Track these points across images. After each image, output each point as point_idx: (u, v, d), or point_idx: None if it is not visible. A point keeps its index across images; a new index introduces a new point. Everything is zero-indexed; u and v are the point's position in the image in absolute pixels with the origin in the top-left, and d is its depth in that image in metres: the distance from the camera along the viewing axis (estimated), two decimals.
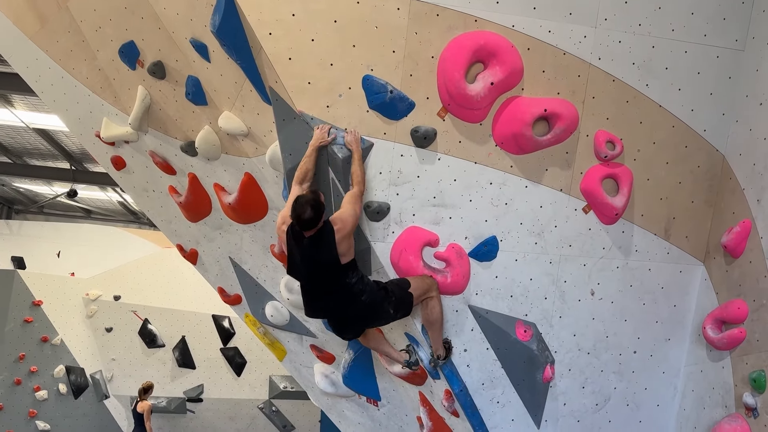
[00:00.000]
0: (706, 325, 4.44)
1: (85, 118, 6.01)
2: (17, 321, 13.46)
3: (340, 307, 4.05)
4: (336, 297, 4.00)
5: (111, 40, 5.18)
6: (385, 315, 4.09)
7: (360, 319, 4.14)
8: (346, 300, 3.99)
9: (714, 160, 4.52)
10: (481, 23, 4.11)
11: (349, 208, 3.98)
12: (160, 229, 6.97)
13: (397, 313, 4.10)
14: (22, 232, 16.85)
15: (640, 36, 4.28)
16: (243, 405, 14.41)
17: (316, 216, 3.81)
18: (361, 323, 4.22)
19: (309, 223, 3.82)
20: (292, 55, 4.04)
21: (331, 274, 3.94)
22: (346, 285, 3.95)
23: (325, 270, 3.94)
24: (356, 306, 4.00)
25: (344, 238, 3.90)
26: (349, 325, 4.22)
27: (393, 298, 4.04)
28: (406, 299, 4.07)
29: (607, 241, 4.50)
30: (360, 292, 3.96)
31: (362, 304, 3.99)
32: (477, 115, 4.20)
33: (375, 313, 4.07)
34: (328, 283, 3.98)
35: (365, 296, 3.97)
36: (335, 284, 3.96)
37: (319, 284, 4.03)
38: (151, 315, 14.40)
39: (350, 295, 3.96)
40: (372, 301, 3.99)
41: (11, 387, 13.16)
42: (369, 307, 4.01)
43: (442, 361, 4.31)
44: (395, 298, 4.05)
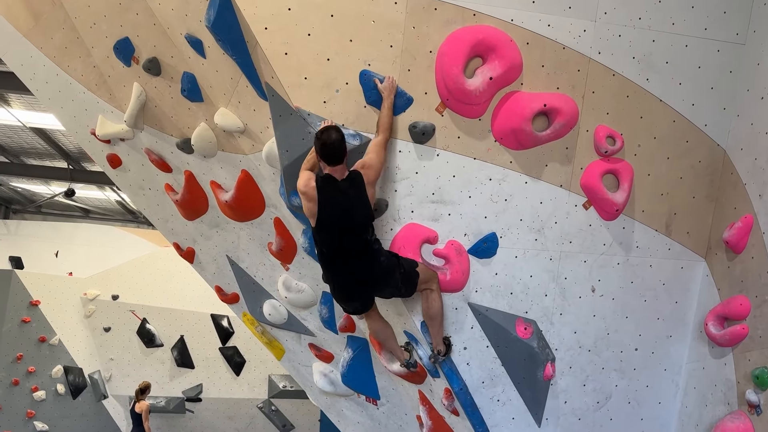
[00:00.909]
0: (708, 321, 4.40)
1: (81, 115, 5.96)
2: (15, 321, 13.43)
3: (360, 266, 3.99)
4: (357, 255, 3.98)
5: (106, 36, 5.13)
6: (394, 283, 4.05)
7: (374, 282, 4.08)
8: (367, 258, 3.97)
9: (715, 154, 4.48)
10: (480, 17, 4.06)
11: (373, 156, 3.99)
12: (156, 227, 6.92)
13: (403, 287, 4.08)
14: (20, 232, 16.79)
15: (640, 30, 4.24)
16: (242, 404, 14.38)
17: (342, 138, 3.86)
18: (372, 287, 4.14)
19: (337, 146, 3.85)
20: (288, 50, 3.99)
21: (359, 224, 3.94)
22: (367, 242, 3.95)
23: (355, 219, 3.93)
24: (374, 266, 3.98)
25: (369, 184, 3.94)
26: (360, 289, 4.14)
27: (403, 269, 4.03)
28: (413, 275, 4.06)
29: (608, 237, 4.46)
30: (378, 252, 3.98)
31: (380, 266, 3.98)
32: (476, 110, 4.16)
33: (387, 278, 4.03)
34: (353, 237, 3.95)
35: (383, 258, 3.99)
36: (359, 240, 3.95)
37: (344, 237, 3.97)
38: (149, 314, 14.36)
39: (371, 253, 3.97)
40: (388, 264, 4.00)
41: (9, 387, 13.13)
42: (384, 271, 4.00)
43: (442, 357, 4.26)
44: (404, 270, 4.04)
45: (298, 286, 5.64)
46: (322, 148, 3.87)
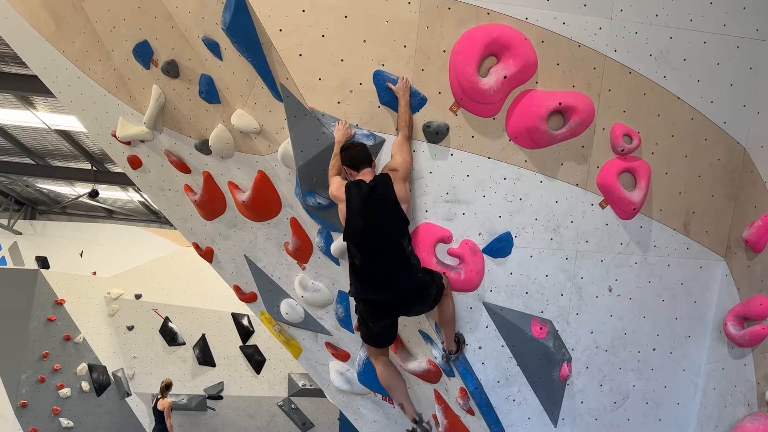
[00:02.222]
0: (727, 321, 4.34)
1: (102, 118, 6.06)
2: (41, 320, 13.67)
3: (395, 280, 3.82)
4: (391, 266, 3.84)
5: (125, 39, 5.21)
6: (428, 300, 3.95)
7: (409, 298, 3.91)
8: (403, 271, 3.83)
9: (734, 152, 4.42)
10: (494, 16, 4.05)
11: (397, 156, 4.00)
12: (176, 227, 7.01)
13: (435, 301, 3.98)
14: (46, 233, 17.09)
15: (657, 27, 4.19)
16: (262, 402, 14.50)
17: (364, 145, 3.94)
18: (405, 305, 3.98)
19: (363, 153, 3.93)
20: (302, 51, 4.02)
21: (390, 228, 3.85)
22: (403, 253, 3.85)
23: (385, 223, 3.85)
24: (412, 280, 3.84)
25: (398, 182, 3.91)
26: (391, 305, 3.95)
27: (435, 284, 3.94)
28: (441, 288, 3.99)
29: (625, 236, 4.42)
30: (415, 267, 3.87)
31: (417, 279, 3.86)
32: (490, 109, 4.14)
33: (423, 294, 3.91)
34: (385, 245, 3.84)
35: (421, 274, 3.89)
36: (392, 248, 3.83)
37: (375, 245, 3.85)
38: (171, 313, 14.53)
39: (408, 266, 3.84)
40: (424, 281, 3.89)
41: (35, 385, 13.37)
42: (421, 287, 3.88)
43: (454, 356, 4.25)
44: (437, 286, 3.94)
45: (315, 285, 5.67)
46: (350, 157, 3.94)
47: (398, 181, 3.93)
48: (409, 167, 4.02)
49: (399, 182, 3.93)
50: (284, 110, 4.28)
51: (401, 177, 3.95)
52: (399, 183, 3.93)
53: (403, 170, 3.96)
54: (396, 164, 3.97)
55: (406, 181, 3.98)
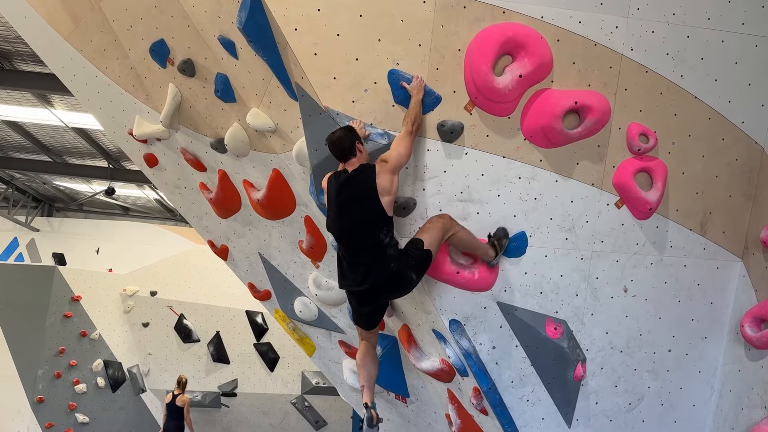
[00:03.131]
0: (744, 323, 4.30)
1: (119, 116, 6.11)
2: (57, 316, 13.80)
3: (369, 272, 3.90)
4: (367, 256, 3.90)
5: (142, 38, 5.25)
6: (408, 283, 3.99)
7: (384, 289, 4.01)
8: (376, 264, 3.88)
9: (752, 152, 4.37)
10: (509, 14, 4.04)
11: (392, 150, 3.96)
12: (191, 225, 7.06)
13: (419, 276, 4.01)
14: (63, 230, 17.32)
15: (674, 25, 4.15)
16: (276, 400, 14.56)
17: (347, 136, 3.88)
18: (385, 293, 4.10)
19: (337, 142, 3.89)
20: (317, 50, 4.03)
21: (368, 220, 3.87)
22: (379, 245, 3.87)
23: (359, 213, 3.87)
24: (384, 271, 3.89)
25: (385, 172, 3.86)
26: (371, 294, 4.05)
27: (413, 262, 3.94)
28: (425, 259, 3.96)
29: (641, 236, 4.39)
30: (390, 259, 3.89)
31: (390, 272, 3.90)
32: (505, 108, 4.13)
33: (400, 282, 3.96)
34: (361, 235, 3.89)
35: (394, 264, 3.90)
36: (368, 238, 3.87)
37: (351, 235, 3.94)
38: (186, 310, 14.64)
39: (382, 259, 3.88)
40: (398, 269, 3.91)
41: (52, 380, 13.50)
42: (395, 277, 3.92)
43: (496, 259, 4.19)
44: (415, 263, 3.94)
45: (328, 283, 5.69)
46: (329, 143, 3.95)
47: (385, 172, 3.87)
48: (401, 161, 3.94)
49: (386, 173, 3.87)
50: (299, 109, 4.29)
51: (390, 168, 3.89)
52: (385, 174, 3.87)
53: (393, 163, 3.90)
54: (389, 156, 3.94)
55: (394, 174, 3.91)
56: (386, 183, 3.87)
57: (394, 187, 3.90)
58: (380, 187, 3.85)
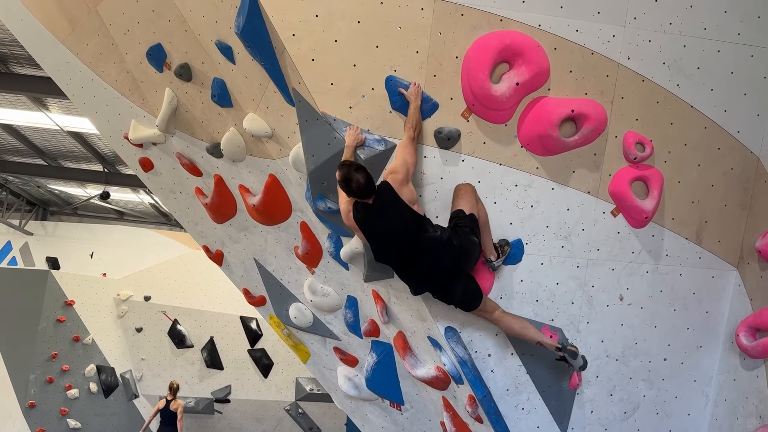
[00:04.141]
0: (739, 332, 4.31)
1: (114, 120, 6.09)
2: (50, 320, 13.74)
3: (438, 261, 3.92)
4: (433, 254, 3.91)
5: (139, 42, 5.24)
6: (475, 248, 4.00)
7: (458, 264, 4.00)
8: (440, 251, 3.90)
9: (748, 162, 4.38)
10: (507, 23, 4.05)
11: (398, 158, 3.97)
12: (186, 230, 7.04)
13: (479, 237, 4.02)
14: (57, 233, 17.20)
15: (671, 35, 4.17)
16: (270, 406, 14.50)
17: (367, 174, 3.83)
18: (462, 268, 4.05)
19: (368, 186, 3.84)
20: (315, 56, 4.03)
21: (413, 230, 3.90)
22: (432, 239, 3.90)
23: (406, 229, 3.90)
24: (452, 252, 3.91)
25: (401, 186, 3.88)
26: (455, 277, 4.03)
27: (467, 228, 3.97)
28: (473, 222, 4.00)
29: (637, 245, 4.39)
30: (450, 239, 3.90)
31: (457, 249, 3.91)
32: (502, 115, 4.14)
33: (468, 252, 3.97)
34: (416, 243, 3.90)
35: (456, 240, 3.91)
36: (423, 242, 3.89)
37: (409, 249, 3.94)
38: (180, 315, 14.58)
39: (442, 245, 3.90)
40: (461, 243, 3.92)
41: (44, 385, 13.43)
42: (462, 249, 3.93)
43: (497, 262, 4.20)
44: (469, 228, 3.97)
45: (324, 289, 5.67)
46: (356, 193, 3.87)
47: (401, 184, 3.89)
48: (410, 169, 3.97)
49: (402, 185, 3.90)
50: (296, 114, 4.29)
51: (402, 179, 3.91)
52: (402, 186, 3.90)
53: (403, 172, 3.92)
54: (396, 166, 3.94)
55: (408, 183, 3.94)
56: (408, 195, 3.91)
57: (413, 195, 3.96)
58: (405, 199, 3.90)
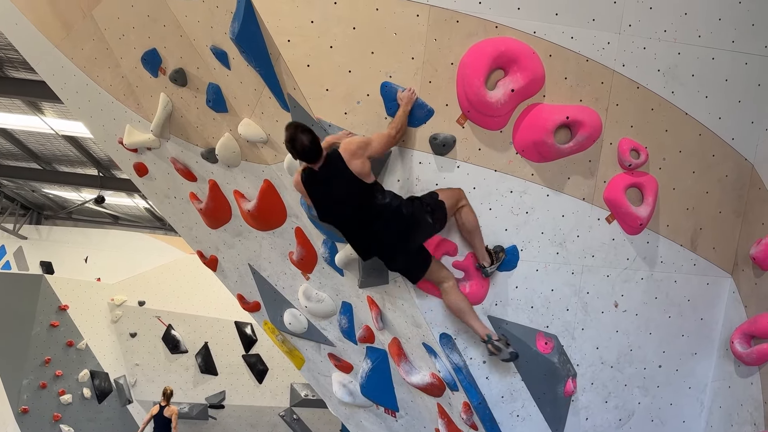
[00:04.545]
0: (734, 339, 4.31)
1: (109, 125, 6.08)
2: (44, 325, 13.66)
3: (386, 229, 3.93)
4: (379, 222, 3.91)
5: (134, 47, 5.24)
6: (426, 225, 3.96)
7: (406, 234, 3.98)
8: (389, 218, 3.90)
9: (743, 169, 4.40)
10: (502, 30, 4.05)
11: (364, 138, 3.90)
12: (181, 235, 7.02)
13: (435, 222, 3.99)
14: (51, 238, 17.18)
15: (666, 42, 4.18)
16: (264, 412, 14.44)
17: (313, 137, 3.77)
18: (408, 239, 4.01)
19: (312, 149, 3.78)
20: (310, 61, 4.02)
21: (360, 199, 3.88)
22: (381, 206, 3.89)
23: (352, 199, 3.88)
24: (401, 220, 3.90)
25: (352, 156, 3.80)
26: (398, 247, 4.03)
27: (428, 207, 3.96)
28: (440, 206, 3.98)
29: (632, 251, 4.39)
30: (399, 207, 3.91)
31: (405, 217, 3.90)
32: (497, 122, 4.14)
33: (417, 224, 3.94)
34: (365, 210, 3.90)
35: (405, 209, 3.91)
36: (372, 208, 3.89)
37: (356, 216, 3.95)
38: (174, 321, 14.53)
39: (391, 213, 3.89)
40: (412, 212, 3.91)
41: (37, 390, 13.34)
42: (412, 219, 3.91)
43: (491, 268, 4.16)
44: (430, 207, 3.96)
45: (318, 295, 5.66)
46: (300, 155, 3.84)
47: (352, 154, 3.80)
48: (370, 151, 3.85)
49: (353, 156, 3.80)
50: (291, 120, 4.27)
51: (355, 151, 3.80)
52: (353, 157, 3.80)
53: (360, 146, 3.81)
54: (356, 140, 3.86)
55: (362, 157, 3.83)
56: (357, 167, 3.83)
57: (365, 169, 3.86)
58: (354, 170, 3.82)
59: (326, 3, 3.96)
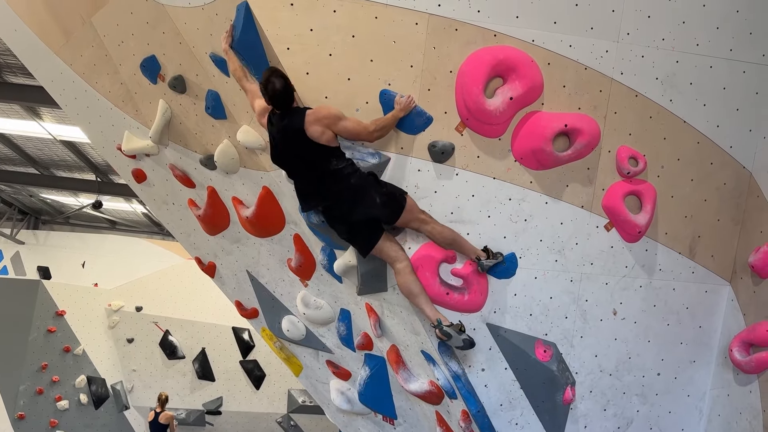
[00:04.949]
0: (732, 347, 4.31)
1: (108, 131, 6.07)
2: (41, 330, 13.64)
3: (329, 190, 4.00)
4: (323, 181, 3.99)
5: (133, 54, 5.23)
6: (370, 202, 3.97)
7: (348, 202, 4.00)
8: (335, 181, 3.96)
9: (741, 177, 4.41)
10: (501, 38, 4.06)
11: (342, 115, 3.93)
12: (179, 241, 7.00)
13: (385, 207, 3.99)
14: (49, 243, 17.10)
15: (664, 51, 4.19)
16: (261, 418, 14.40)
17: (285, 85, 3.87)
18: (347, 207, 4.02)
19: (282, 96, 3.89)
20: (309, 69, 4.03)
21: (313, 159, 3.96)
22: (334, 170, 3.94)
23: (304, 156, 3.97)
24: (348, 188, 3.95)
25: (317, 122, 3.87)
26: (336, 211, 4.08)
27: (384, 189, 4.00)
28: (398, 198, 4.01)
29: (630, 259, 4.39)
30: (349, 175, 3.96)
31: (350, 185, 3.95)
32: (496, 130, 4.14)
33: (362, 196, 3.96)
34: (316, 169, 3.98)
35: (354, 179, 3.96)
36: (321, 169, 3.96)
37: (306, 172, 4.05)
38: (171, 326, 14.49)
39: (339, 176, 3.95)
40: (360, 184, 3.96)
41: (33, 396, 13.30)
42: (357, 188, 3.95)
43: (489, 262, 4.13)
44: (386, 191, 4.01)
45: (317, 302, 5.65)
46: (269, 97, 3.92)
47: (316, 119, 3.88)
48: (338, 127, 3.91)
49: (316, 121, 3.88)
50: None
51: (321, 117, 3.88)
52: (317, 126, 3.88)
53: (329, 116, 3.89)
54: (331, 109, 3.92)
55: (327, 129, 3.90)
56: (316, 134, 3.91)
57: (325, 137, 3.92)
58: (311, 135, 3.90)
59: (326, 11, 3.97)
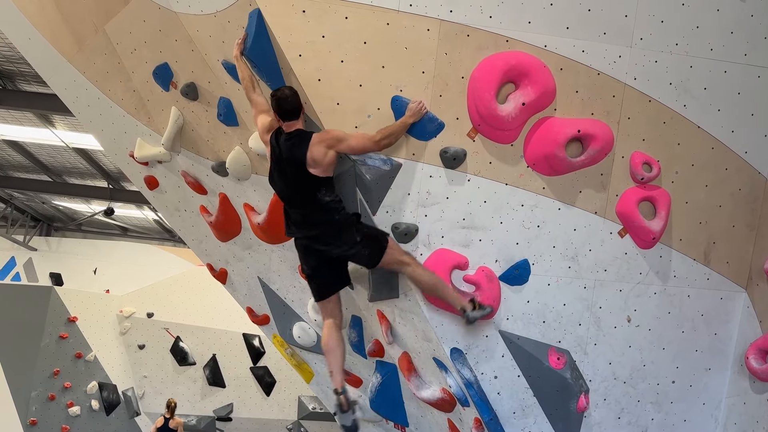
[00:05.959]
0: (749, 354, 4.26)
1: (120, 138, 6.10)
2: (53, 337, 13.71)
3: (313, 220, 4.04)
4: (309, 211, 4.04)
5: (146, 62, 5.26)
6: (349, 240, 4.00)
7: (327, 236, 4.04)
8: (319, 212, 4.00)
9: (756, 182, 4.37)
10: (513, 43, 4.05)
11: (347, 133, 3.97)
12: (191, 248, 7.02)
13: (365, 247, 4.01)
14: (61, 249, 17.21)
15: (677, 55, 4.17)
16: (272, 425, 14.39)
17: (295, 98, 3.95)
18: (325, 241, 4.07)
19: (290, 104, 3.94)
20: (321, 76, 4.03)
21: (300, 182, 3.99)
22: (320, 201, 3.98)
23: (295, 183, 4.01)
24: (328, 222, 4.00)
25: (321, 142, 3.91)
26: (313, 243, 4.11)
27: (365, 229, 4.05)
28: (379, 238, 4.04)
29: (644, 265, 4.36)
30: (335, 210, 4.00)
31: (334, 222, 3.99)
32: (508, 135, 4.13)
33: (341, 232, 4.01)
34: (300, 194, 4.03)
35: (338, 215, 4.00)
36: (308, 196, 3.99)
37: (292, 193, 4.10)
38: (182, 332, 14.52)
39: (324, 209, 3.99)
40: (343, 221, 4.00)
41: (45, 402, 13.36)
42: (338, 225, 4.00)
43: (474, 313, 4.04)
44: (367, 231, 4.05)
45: None
46: (278, 104, 3.96)
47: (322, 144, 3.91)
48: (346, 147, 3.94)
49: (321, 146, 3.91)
50: None
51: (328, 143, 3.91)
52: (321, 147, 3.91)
53: (336, 141, 3.92)
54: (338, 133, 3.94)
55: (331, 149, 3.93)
56: (319, 155, 3.92)
57: (327, 159, 3.94)
58: (310, 158, 3.92)
59: (337, 18, 3.97)
